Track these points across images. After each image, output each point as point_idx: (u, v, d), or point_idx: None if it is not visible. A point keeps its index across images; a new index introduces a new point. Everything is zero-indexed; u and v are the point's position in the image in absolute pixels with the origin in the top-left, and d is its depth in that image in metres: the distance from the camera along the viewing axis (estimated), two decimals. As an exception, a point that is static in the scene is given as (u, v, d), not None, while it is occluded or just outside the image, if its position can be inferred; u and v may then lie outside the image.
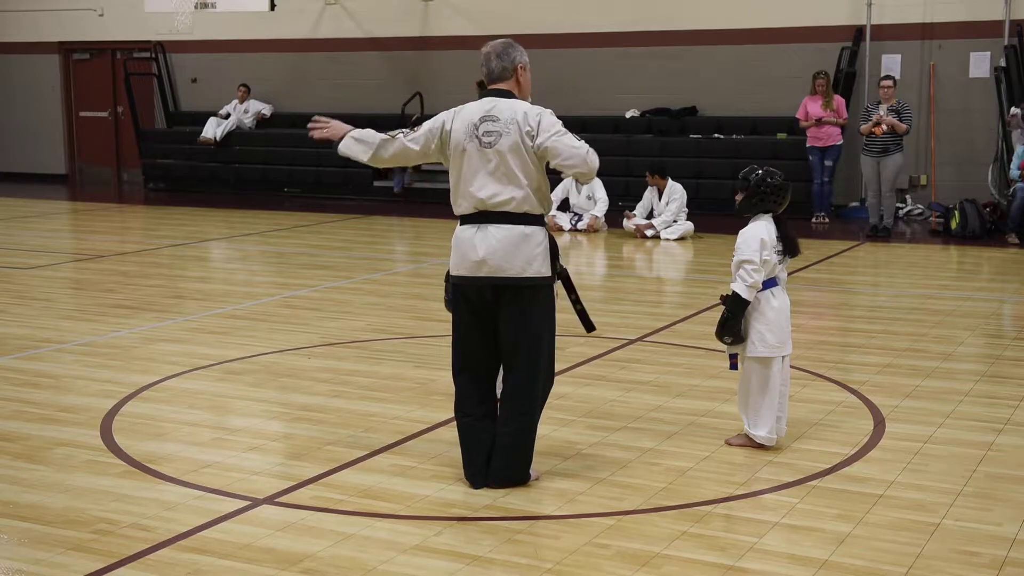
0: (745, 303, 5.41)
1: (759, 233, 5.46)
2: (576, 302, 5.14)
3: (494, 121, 4.87)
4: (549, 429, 5.85)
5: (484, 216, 4.89)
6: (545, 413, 6.01)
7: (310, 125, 5.22)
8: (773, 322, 5.46)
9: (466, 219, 4.96)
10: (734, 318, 5.43)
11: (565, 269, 5.11)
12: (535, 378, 4.98)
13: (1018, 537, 4.48)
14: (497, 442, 4.99)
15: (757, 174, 5.54)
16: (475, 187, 4.89)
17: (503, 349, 4.98)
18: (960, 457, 5.45)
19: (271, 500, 4.88)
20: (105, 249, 12.86)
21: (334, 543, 4.42)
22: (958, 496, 4.92)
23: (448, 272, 5.11)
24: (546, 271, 4.91)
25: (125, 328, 8.35)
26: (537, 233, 4.89)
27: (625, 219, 13.52)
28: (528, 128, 4.84)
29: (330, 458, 5.42)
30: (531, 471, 5.07)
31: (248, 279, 11.13)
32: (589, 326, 5.20)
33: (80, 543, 4.43)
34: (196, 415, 6.17)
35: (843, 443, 5.62)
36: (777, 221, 5.54)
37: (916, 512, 4.74)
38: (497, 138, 4.85)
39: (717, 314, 5.82)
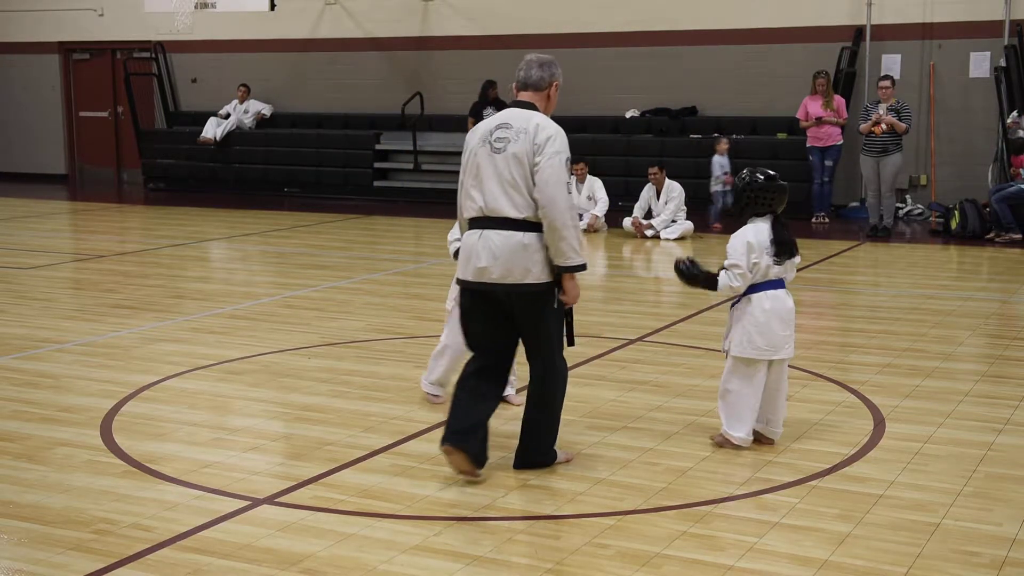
0: (713, 289, 5.57)
1: (746, 236, 5.48)
2: (568, 312, 5.20)
3: (507, 128, 5.01)
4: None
5: (486, 222, 5.00)
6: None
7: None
8: (763, 324, 5.46)
9: (472, 223, 5.08)
10: (695, 282, 5.62)
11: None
12: (552, 372, 5.14)
13: (1018, 537, 4.48)
14: (524, 427, 5.24)
15: (742, 178, 5.57)
16: (480, 191, 5.01)
17: (525, 344, 5.17)
18: (960, 457, 5.45)
19: (271, 500, 4.88)
20: (105, 249, 12.86)
21: (334, 543, 4.42)
22: (958, 496, 4.92)
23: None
24: (546, 277, 4.99)
25: (125, 328, 8.35)
26: (535, 242, 4.96)
27: (633, 226, 13.50)
28: (536, 143, 4.94)
29: (330, 458, 5.42)
30: (560, 453, 5.28)
31: (248, 279, 11.14)
32: (571, 340, 5.24)
33: (80, 543, 4.43)
34: (196, 415, 6.17)
35: (843, 443, 5.62)
36: (775, 222, 5.53)
37: (916, 512, 4.74)
38: (506, 144, 4.97)
39: (717, 314, 5.86)
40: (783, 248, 5.50)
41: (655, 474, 5.20)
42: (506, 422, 6.02)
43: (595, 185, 13.98)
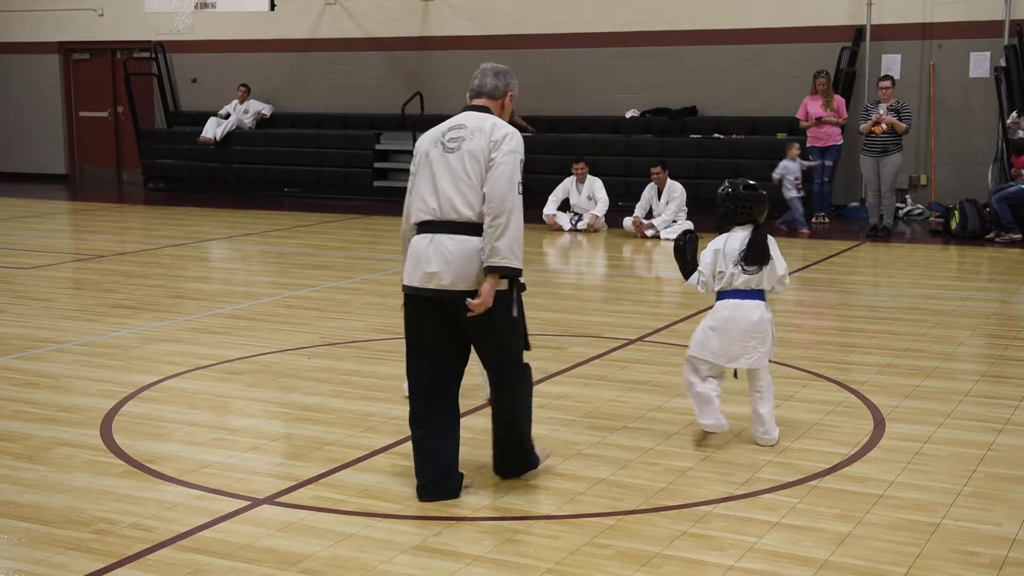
0: (685, 279, 5.73)
1: (715, 244, 5.61)
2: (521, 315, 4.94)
3: (461, 128, 4.83)
4: (549, 429, 5.86)
5: (437, 226, 4.76)
6: (545, 413, 6.04)
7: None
8: (719, 331, 5.58)
9: (420, 227, 4.82)
10: (679, 259, 5.74)
11: (524, 285, 4.87)
12: (517, 381, 4.94)
13: (1018, 537, 4.48)
14: (494, 439, 5.06)
15: (723, 189, 5.66)
16: (431, 192, 4.78)
17: (479, 355, 4.93)
18: (960, 457, 5.45)
19: (271, 500, 4.88)
20: (105, 249, 12.86)
21: (334, 543, 4.42)
22: (958, 496, 4.92)
23: None
24: (500, 284, 4.72)
25: (125, 328, 8.35)
26: None
27: (634, 226, 13.49)
28: (493, 139, 4.75)
29: (330, 458, 5.42)
30: (539, 452, 5.15)
31: (248, 279, 11.14)
32: (525, 344, 5.02)
33: (80, 543, 4.43)
34: (196, 415, 6.17)
35: (843, 443, 5.62)
36: (755, 230, 5.56)
37: (916, 512, 4.74)
38: (460, 143, 4.78)
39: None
40: (752, 256, 5.51)
41: (655, 474, 5.20)
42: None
43: (595, 185, 13.99)
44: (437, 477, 4.88)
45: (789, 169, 13.78)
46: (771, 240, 5.62)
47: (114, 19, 20.09)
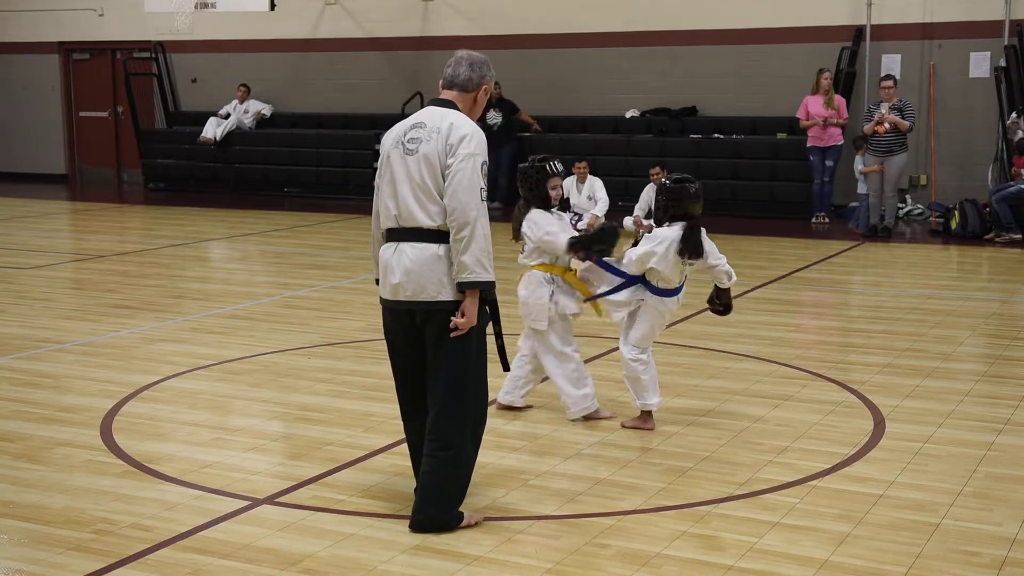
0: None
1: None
2: (498, 335, 4.70)
3: (421, 128, 4.51)
4: (549, 429, 5.86)
5: (401, 233, 4.51)
6: (545, 413, 6.03)
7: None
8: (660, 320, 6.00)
9: (387, 235, 4.59)
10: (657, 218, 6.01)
11: (495, 297, 4.59)
12: (456, 409, 4.51)
13: (1018, 537, 4.48)
14: (419, 480, 4.62)
15: (662, 183, 5.98)
16: (392, 198, 4.53)
17: (428, 376, 4.59)
18: (960, 457, 5.45)
19: (271, 500, 4.88)
20: (105, 249, 12.86)
21: (334, 543, 4.42)
22: (958, 496, 4.92)
23: None
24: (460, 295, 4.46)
25: (125, 328, 8.34)
26: (448, 254, 4.45)
27: (634, 224, 13.49)
28: (449, 143, 4.43)
29: (330, 458, 5.42)
30: (466, 515, 4.60)
31: (248, 279, 11.14)
32: (504, 365, 4.81)
33: (80, 543, 4.42)
34: (196, 415, 6.17)
35: (843, 443, 5.62)
36: (689, 226, 5.84)
37: (916, 512, 4.74)
38: (418, 144, 4.47)
39: (717, 314, 5.93)
40: (687, 249, 5.79)
41: (655, 474, 5.20)
42: (508, 421, 6.02)
43: (595, 185, 13.97)
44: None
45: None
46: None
47: (114, 19, 20.08)
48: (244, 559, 4.27)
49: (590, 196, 13.99)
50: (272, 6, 17.50)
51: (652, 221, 13.80)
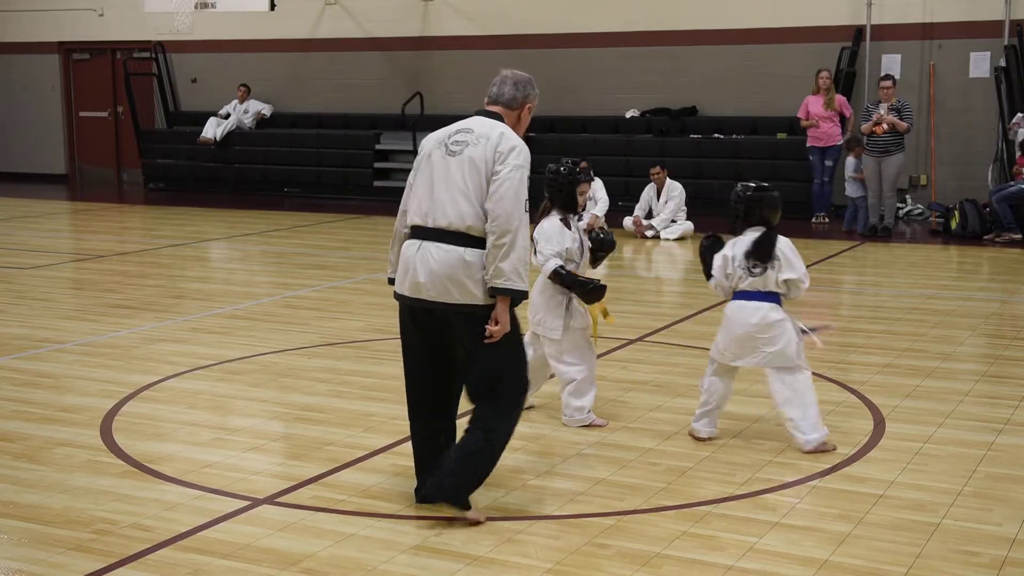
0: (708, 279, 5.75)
1: (726, 248, 5.66)
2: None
3: (468, 132, 4.59)
4: (549, 429, 5.86)
5: (428, 232, 4.55)
6: (546, 413, 6.04)
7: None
8: (724, 330, 5.64)
9: (412, 232, 4.63)
10: (702, 261, 5.78)
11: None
12: (498, 397, 4.61)
13: (1018, 537, 4.48)
14: (448, 453, 4.67)
15: (732, 195, 5.70)
16: (427, 197, 4.57)
17: (460, 371, 4.69)
18: (960, 457, 5.45)
19: (271, 500, 4.88)
20: (105, 249, 12.86)
21: (334, 543, 4.42)
22: (958, 496, 4.92)
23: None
24: (486, 297, 4.49)
25: (125, 328, 8.34)
26: (479, 260, 4.48)
27: (634, 225, 13.50)
28: (499, 151, 4.49)
29: (330, 458, 5.42)
30: (472, 510, 4.63)
31: (248, 279, 11.14)
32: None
33: (80, 543, 4.43)
34: (196, 415, 6.17)
35: (843, 443, 5.62)
36: (765, 232, 5.58)
37: (916, 512, 4.74)
38: (464, 147, 4.54)
39: (717, 315, 5.92)
40: (755, 253, 5.51)
41: (655, 474, 5.20)
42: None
43: (595, 185, 13.95)
44: (423, 483, 4.83)
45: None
46: (787, 243, 5.60)
47: (114, 19, 20.08)
48: (244, 559, 4.27)
49: (590, 196, 13.99)
50: (272, 6, 17.50)
51: (651, 222, 13.89)
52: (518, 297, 4.50)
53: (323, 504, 4.82)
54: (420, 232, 4.58)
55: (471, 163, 4.50)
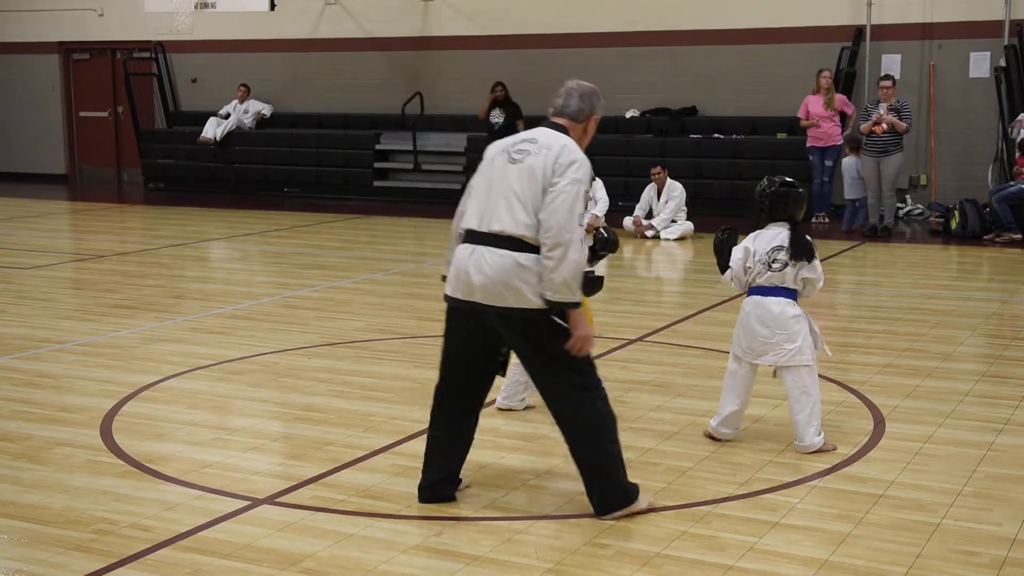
0: (722, 272, 5.70)
1: (746, 241, 5.60)
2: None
3: (532, 143, 4.64)
4: (549, 429, 5.85)
5: (482, 236, 4.59)
6: (545, 414, 6.02)
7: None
8: (744, 326, 5.57)
9: (466, 235, 4.69)
10: (717, 257, 5.72)
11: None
12: (573, 412, 4.66)
13: (1018, 537, 4.48)
14: (577, 468, 4.76)
15: (756, 190, 5.64)
16: (484, 200, 4.64)
17: (534, 383, 4.82)
18: (960, 457, 5.45)
19: (271, 500, 4.88)
20: (105, 249, 12.86)
21: (334, 543, 4.42)
22: (958, 496, 4.92)
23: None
24: (539, 301, 4.52)
25: (125, 328, 8.34)
26: (533, 264, 4.51)
27: (634, 225, 13.51)
28: (559, 162, 4.53)
29: (330, 458, 5.42)
30: (643, 498, 4.73)
31: (248, 279, 11.14)
32: (503, 371, 4.95)
33: (80, 543, 4.43)
34: (196, 415, 6.17)
35: (843, 443, 5.62)
36: (793, 228, 5.56)
37: (916, 512, 4.74)
38: (525, 156, 4.59)
39: (717, 314, 5.90)
40: (798, 251, 5.51)
41: (655, 474, 5.20)
42: (508, 421, 6.02)
43: (595, 185, 13.96)
44: (439, 480, 4.87)
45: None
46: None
47: (114, 19, 20.09)
48: (244, 559, 4.27)
49: (591, 196, 13.99)
50: (272, 6, 17.50)
51: (651, 222, 13.90)
52: (569, 308, 4.54)
53: (323, 504, 4.82)
54: (474, 236, 4.63)
55: (530, 172, 4.55)
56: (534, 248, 4.52)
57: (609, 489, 4.67)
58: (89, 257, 12.14)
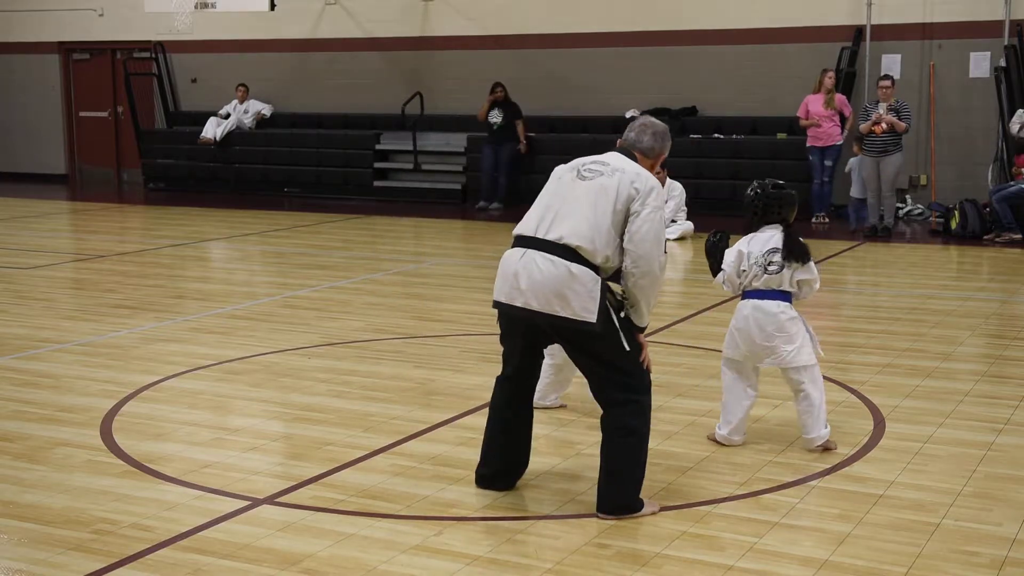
0: (715, 275, 5.66)
1: (740, 244, 5.58)
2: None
3: (603, 164, 4.70)
4: (549, 429, 5.86)
5: (535, 242, 4.60)
6: (545, 413, 6.03)
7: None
8: (741, 330, 5.55)
9: (516, 241, 4.70)
10: (709, 259, 5.67)
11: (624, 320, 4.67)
12: (629, 400, 4.70)
13: (1018, 537, 4.48)
14: (601, 466, 4.78)
15: (748, 193, 5.62)
16: (546, 207, 4.67)
17: (591, 387, 4.85)
18: (960, 457, 5.45)
19: (271, 500, 4.88)
20: (105, 249, 12.86)
21: (334, 543, 4.42)
22: (958, 496, 4.92)
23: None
24: (588, 315, 4.51)
25: (125, 328, 8.35)
26: (585, 274, 4.52)
27: None
28: (636, 189, 4.60)
29: (330, 458, 5.42)
30: (647, 503, 4.74)
31: (248, 279, 11.14)
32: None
33: (80, 543, 4.43)
34: (196, 415, 6.17)
35: (843, 443, 5.62)
36: (786, 231, 5.55)
37: (916, 512, 4.74)
38: (597, 175, 4.64)
39: (717, 315, 5.89)
40: (792, 252, 5.49)
41: (655, 474, 5.19)
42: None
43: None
44: (501, 470, 4.93)
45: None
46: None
47: (114, 19, 20.08)
48: (244, 559, 4.27)
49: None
50: (272, 6, 17.50)
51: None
52: (637, 327, 4.68)
53: (323, 504, 4.83)
54: (526, 241, 4.65)
55: (602, 189, 4.60)
56: (587, 262, 4.55)
57: (624, 494, 4.69)
58: (89, 257, 12.14)
